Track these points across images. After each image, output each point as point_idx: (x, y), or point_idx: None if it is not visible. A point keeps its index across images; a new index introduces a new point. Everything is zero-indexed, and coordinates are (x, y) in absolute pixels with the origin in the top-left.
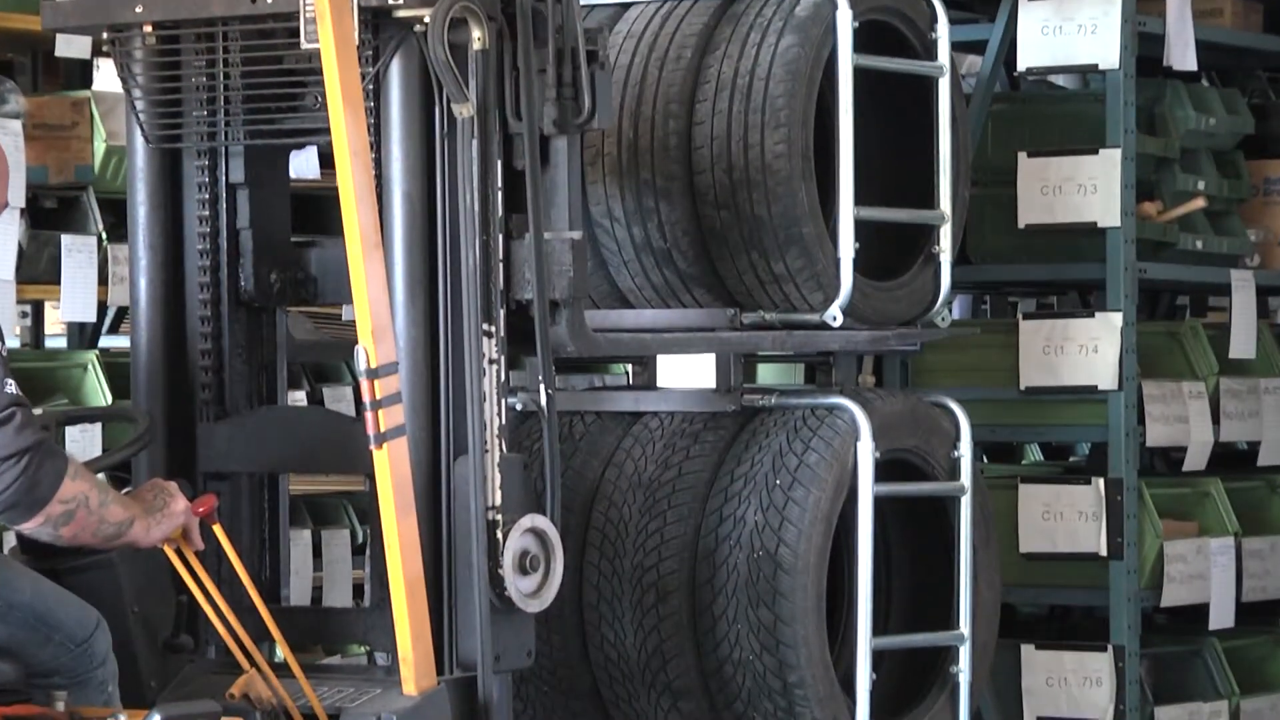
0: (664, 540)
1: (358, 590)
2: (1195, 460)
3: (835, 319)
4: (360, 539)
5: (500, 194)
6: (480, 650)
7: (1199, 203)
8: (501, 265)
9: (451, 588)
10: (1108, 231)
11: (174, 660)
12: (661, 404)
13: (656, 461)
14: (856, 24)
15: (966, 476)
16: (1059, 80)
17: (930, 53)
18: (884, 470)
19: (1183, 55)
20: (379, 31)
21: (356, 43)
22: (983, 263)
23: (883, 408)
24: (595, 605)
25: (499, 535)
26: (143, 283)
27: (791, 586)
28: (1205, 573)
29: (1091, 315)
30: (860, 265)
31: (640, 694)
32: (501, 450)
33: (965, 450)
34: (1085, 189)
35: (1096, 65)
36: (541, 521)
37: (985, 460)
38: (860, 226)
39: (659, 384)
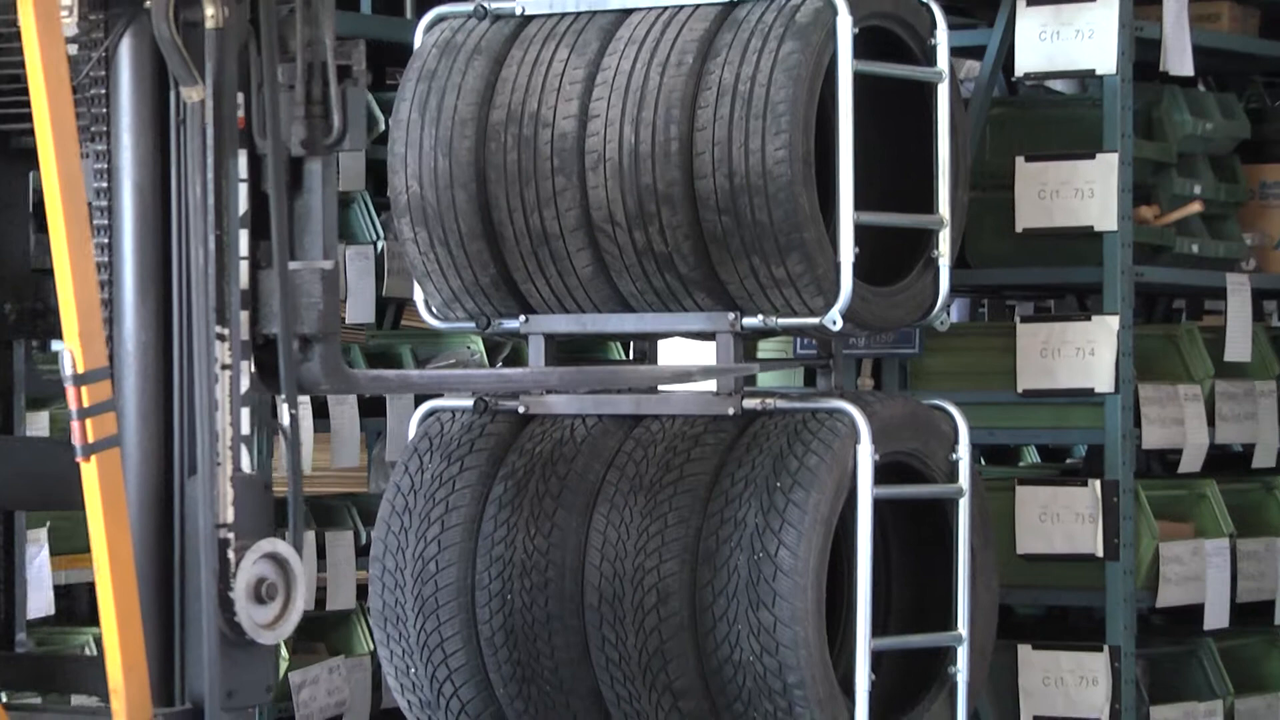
0: (664, 542)
1: (361, 591)
2: (1191, 462)
3: (835, 323)
4: (364, 540)
5: (243, 186)
6: (209, 683)
7: (1196, 207)
8: (244, 269)
9: (183, 615)
10: (1105, 235)
11: None
12: (662, 407)
13: (657, 464)
14: (856, 30)
15: (964, 479)
16: (1057, 85)
17: (929, 58)
18: (883, 473)
19: (1180, 60)
20: (109, 7)
21: (76, 17)
22: (981, 266)
23: (882, 411)
24: (596, 606)
25: (230, 558)
26: None
27: (791, 588)
28: (1201, 574)
29: (1088, 318)
30: (860, 270)
31: (641, 694)
32: (237, 466)
33: (963, 453)
34: (1083, 193)
35: (1094, 70)
36: (282, 547)
37: (983, 462)
38: (860, 231)
39: (660, 388)
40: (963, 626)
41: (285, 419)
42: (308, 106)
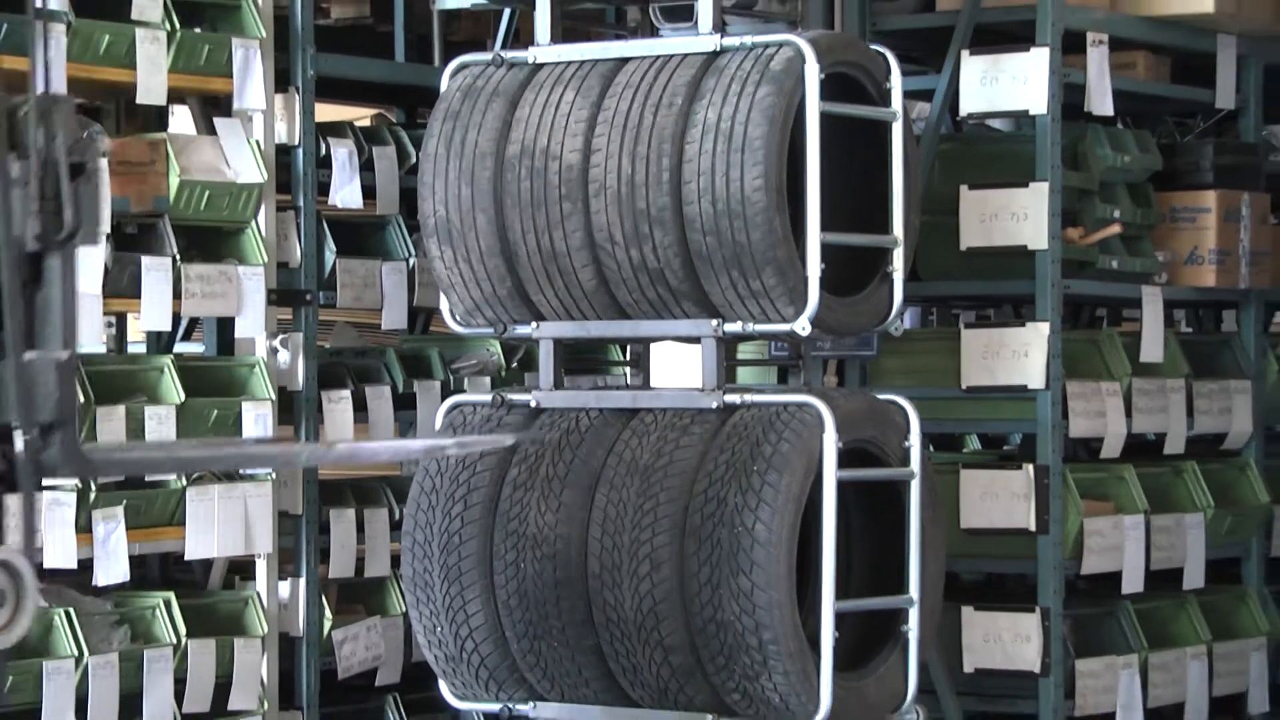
0: (657, 518)
1: (394, 560)
2: (1111, 449)
3: (805, 329)
4: (397, 516)
5: None
6: None
7: (1115, 229)
8: None
9: None
10: (1037, 253)
11: None
12: (655, 402)
13: (651, 451)
14: (823, 75)
15: (916, 463)
16: (996, 123)
17: (885, 100)
18: (845, 458)
19: (1102, 102)
20: None
21: None
22: (930, 280)
23: (844, 405)
24: (598, 574)
25: None
26: None
27: (766, 558)
28: (1120, 545)
29: (1023, 325)
30: (826, 283)
31: (636, 650)
32: None
33: (915, 441)
34: (1018, 217)
35: (1028, 111)
36: (16, 558)
37: (932, 449)
38: (826, 249)
39: (653, 384)
40: (914, 591)
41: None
42: (42, 203)
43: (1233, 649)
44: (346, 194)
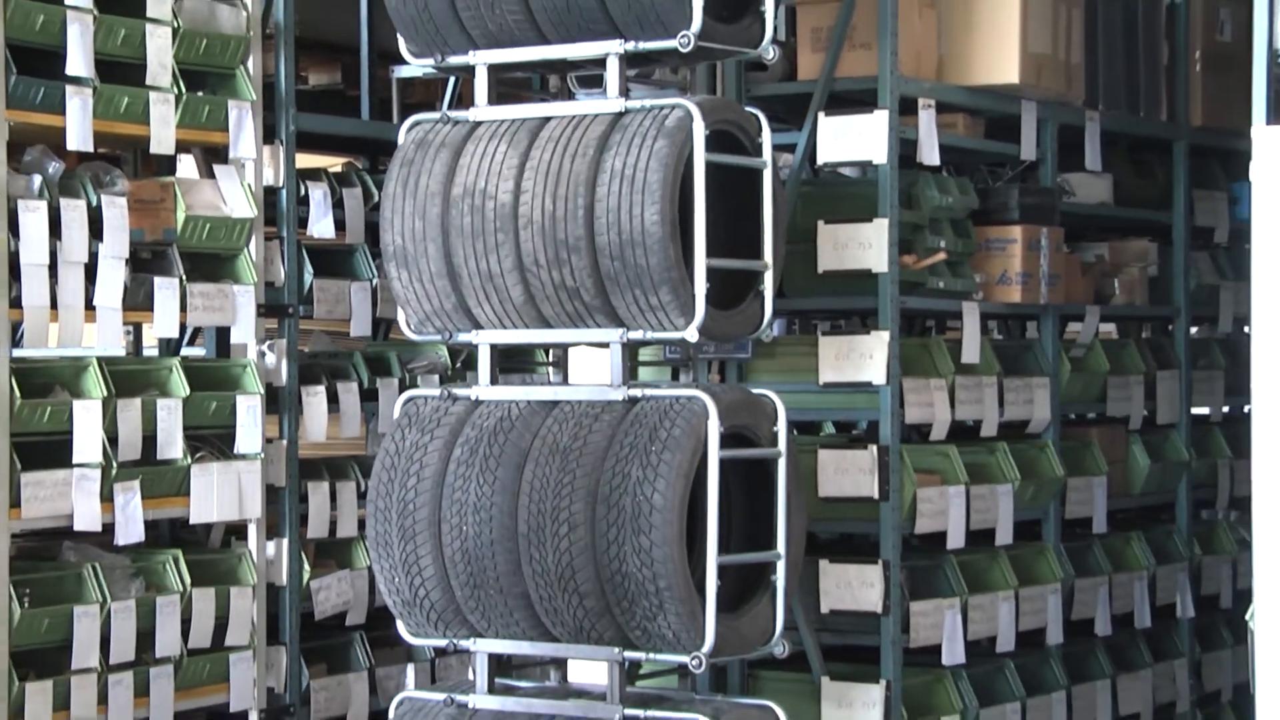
0: (574, 490)
1: (360, 524)
2: (939, 433)
3: (693, 336)
4: (362, 488)
5: None
6: None
7: (941, 256)
8: None
9: None
10: (879, 275)
11: None
12: (572, 395)
13: (569, 434)
14: (708, 132)
15: (783, 444)
16: (846, 171)
17: (758, 151)
18: (726, 440)
19: (930, 154)
20: None
21: None
22: (794, 296)
23: (724, 397)
24: (526, 535)
25: None
26: None
27: (662, 521)
28: (945, 510)
29: (868, 333)
30: (710, 299)
31: (557, 596)
32: None
33: (781, 426)
34: (864, 246)
35: (871, 160)
36: None
37: (795, 433)
38: (710, 272)
39: (571, 381)
40: (781, 547)
41: None
42: None
43: (1034, 592)
44: (321, 227)
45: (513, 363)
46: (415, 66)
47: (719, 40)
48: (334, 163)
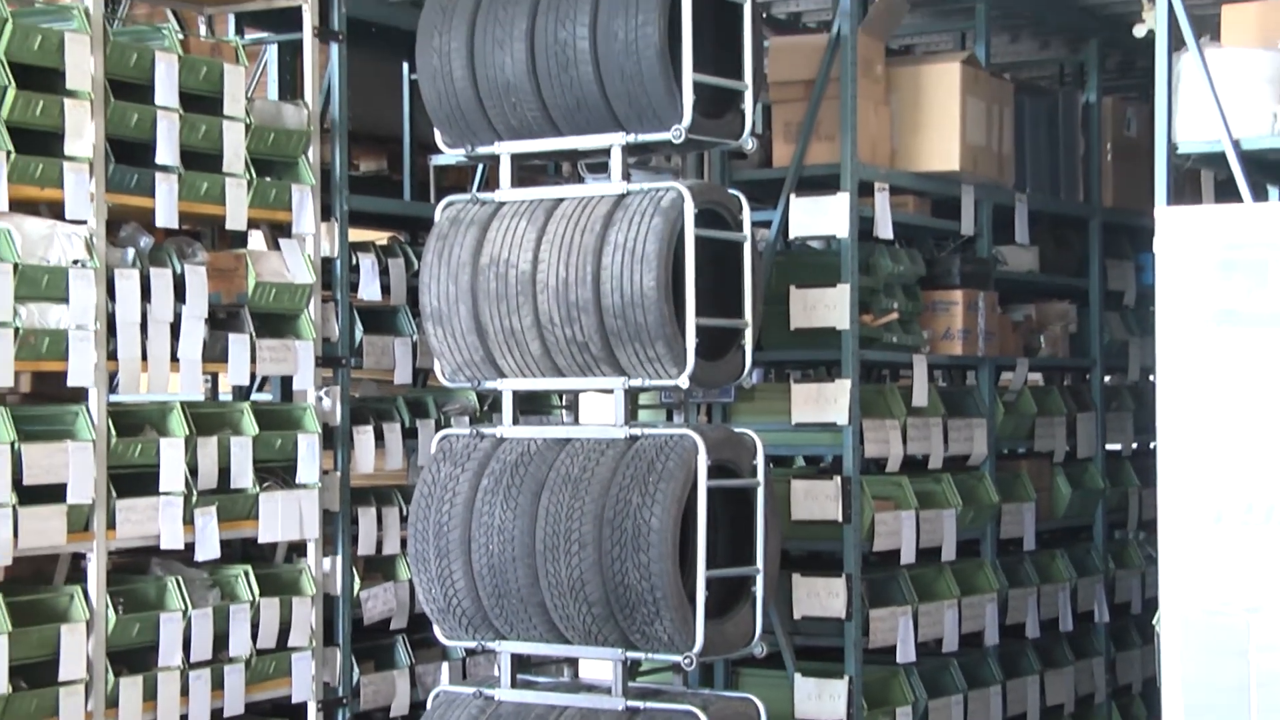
0: (583, 514)
1: (403, 542)
2: (893, 465)
3: (685, 383)
4: (404, 512)
5: None
6: None
7: (894, 315)
8: None
9: None
10: (843, 332)
11: None
12: (582, 433)
13: (579, 467)
14: (697, 210)
15: (761, 475)
16: (814, 243)
17: (739, 227)
18: (713, 472)
19: (885, 229)
20: None
21: None
22: (770, 349)
23: (711, 435)
24: (542, 553)
25: None
26: None
27: (658, 540)
28: (899, 531)
29: (834, 381)
30: (699, 351)
31: (569, 604)
32: None
33: (760, 460)
34: (829, 307)
35: (835, 235)
36: None
37: (772, 466)
38: (699, 329)
39: (581, 421)
40: (760, 563)
41: None
42: None
43: (974, 601)
44: (370, 291)
45: (532, 405)
46: (449, 155)
47: (706, 133)
48: (381, 237)
